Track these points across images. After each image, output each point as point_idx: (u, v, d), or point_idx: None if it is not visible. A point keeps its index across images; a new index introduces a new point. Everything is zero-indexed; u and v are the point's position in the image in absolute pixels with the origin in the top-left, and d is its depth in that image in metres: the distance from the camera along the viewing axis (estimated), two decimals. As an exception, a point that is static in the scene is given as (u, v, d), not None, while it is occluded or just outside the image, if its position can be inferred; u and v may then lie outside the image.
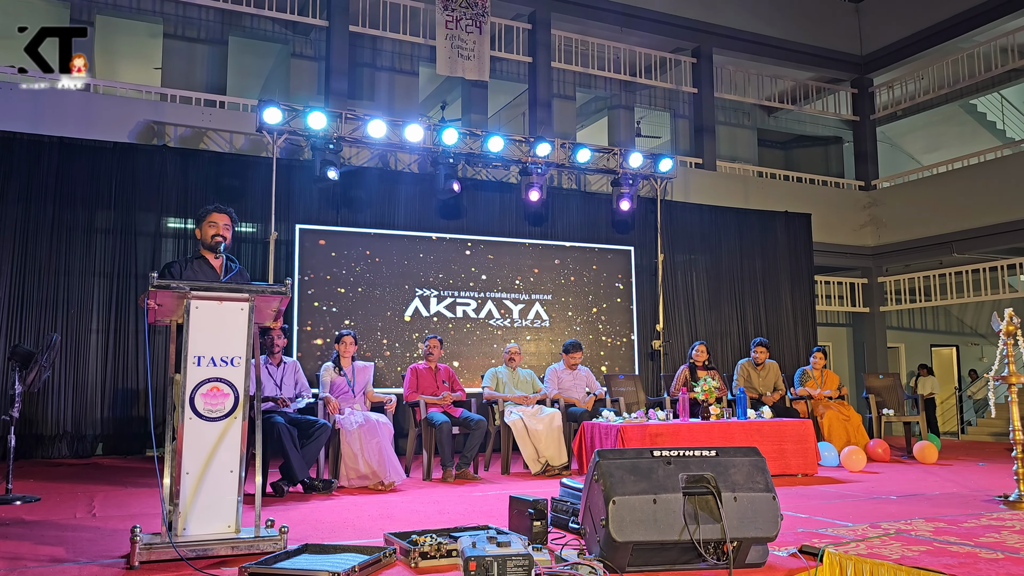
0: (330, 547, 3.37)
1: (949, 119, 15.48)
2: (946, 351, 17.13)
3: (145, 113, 9.09)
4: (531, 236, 10.17)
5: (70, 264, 8.09)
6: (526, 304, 9.97)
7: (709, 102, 12.72)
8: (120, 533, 3.90)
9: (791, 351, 11.52)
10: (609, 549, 3.02)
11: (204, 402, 3.41)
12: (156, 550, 3.19)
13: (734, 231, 11.57)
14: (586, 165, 10.11)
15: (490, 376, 7.44)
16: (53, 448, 7.83)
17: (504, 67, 12.18)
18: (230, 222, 4.21)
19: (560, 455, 6.82)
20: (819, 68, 13.75)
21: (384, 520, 4.45)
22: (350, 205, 9.28)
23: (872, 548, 3.27)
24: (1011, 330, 4.85)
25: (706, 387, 6.81)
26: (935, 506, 4.75)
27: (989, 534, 3.60)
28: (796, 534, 3.68)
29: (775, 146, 16.49)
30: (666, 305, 10.72)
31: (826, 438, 7.64)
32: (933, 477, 6.46)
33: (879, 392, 8.77)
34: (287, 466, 5.45)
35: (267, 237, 8.58)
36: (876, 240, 13.52)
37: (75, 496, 5.35)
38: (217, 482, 3.40)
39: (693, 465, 3.19)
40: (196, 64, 10.80)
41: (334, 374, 6.41)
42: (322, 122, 8.50)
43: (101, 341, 8.15)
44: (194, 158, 8.78)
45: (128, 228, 8.36)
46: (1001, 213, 11.65)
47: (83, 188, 8.21)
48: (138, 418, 8.21)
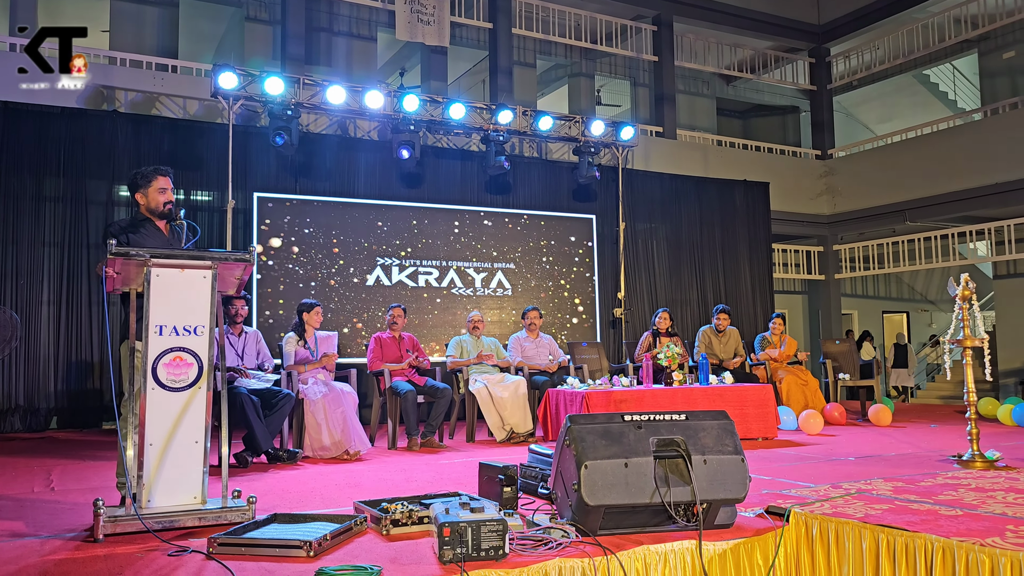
0: (300, 516, 3.34)
1: (903, 89, 15.72)
2: (897, 317, 17.57)
3: (94, 77, 8.77)
4: (493, 204, 10.12)
5: (18, 233, 7.84)
6: (488, 273, 9.94)
7: (669, 71, 12.72)
8: (81, 507, 3.82)
9: (749, 318, 11.69)
10: (581, 513, 3.04)
11: (167, 372, 3.33)
12: (121, 522, 3.12)
13: (694, 199, 11.65)
14: (548, 133, 10.05)
15: (454, 345, 7.42)
16: (5, 422, 7.64)
17: (464, 33, 12.01)
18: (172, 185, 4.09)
19: (525, 422, 6.85)
20: (778, 37, 13.83)
21: (351, 489, 4.43)
22: (309, 173, 9.12)
23: (836, 507, 3.34)
24: (966, 295, 4.96)
25: (669, 353, 6.88)
26: (892, 466, 4.87)
27: (947, 492, 3.70)
28: (761, 495, 3.74)
29: (734, 115, 16.60)
30: (627, 273, 10.78)
31: (785, 402, 7.79)
32: (888, 439, 6.63)
33: (836, 357, 8.96)
34: (251, 437, 5.38)
35: (224, 205, 8.41)
36: (832, 209, 13.73)
37: (31, 470, 5.23)
38: (182, 453, 3.33)
39: (663, 429, 3.22)
40: (146, 27, 10.44)
41: (297, 344, 6.33)
42: (279, 87, 8.31)
43: (53, 313, 7.93)
44: (146, 124, 8.53)
45: (79, 196, 8.12)
46: (952, 182, 11.90)
47: (30, 154, 7.94)
48: (93, 391, 8.03)
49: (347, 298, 9.14)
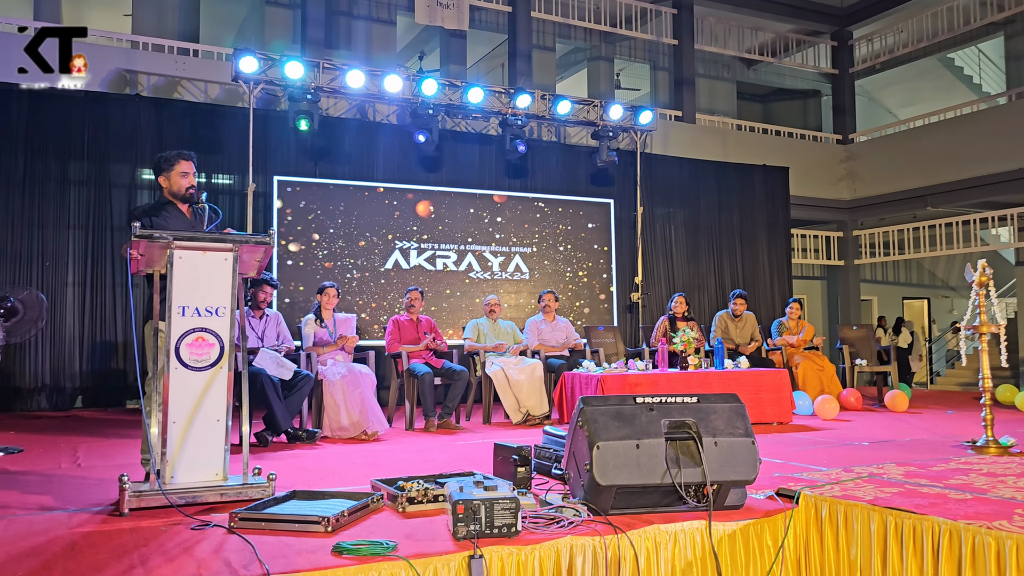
0: (318, 493, 3.42)
1: (926, 73, 15.53)
2: (917, 303, 17.44)
3: (117, 61, 8.89)
4: (511, 189, 10.15)
5: (44, 216, 7.97)
6: (506, 257, 9.99)
7: (689, 54, 12.65)
8: (107, 482, 3.92)
9: (767, 303, 11.67)
10: (593, 493, 3.09)
11: (189, 352, 3.41)
12: (145, 497, 3.22)
13: (713, 184, 11.62)
14: (566, 117, 10.05)
15: (471, 328, 7.48)
16: (32, 401, 7.81)
17: (483, 16, 12.00)
18: (195, 169, 4.17)
19: (541, 404, 6.92)
20: (800, 20, 13.70)
21: (369, 468, 4.51)
22: (328, 157, 9.19)
23: (846, 490, 3.37)
24: (984, 281, 4.95)
25: (685, 338, 6.90)
26: (906, 451, 4.89)
27: (958, 476, 3.72)
28: (772, 478, 3.78)
29: (754, 99, 16.48)
30: (645, 257, 10.79)
31: (800, 387, 7.80)
32: (903, 424, 6.63)
33: (853, 343, 8.93)
34: (271, 416, 5.48)
35: (244, 189, 8.49)
36: (852, 194, 13.64)
37: (58, 447, 5.36)
38: (204, 431, 3.41)
39: (675, 411, 3.26)
40: (167, 11, 10.52)
41: (316, 326, 6.42)
42: (299, 72, 8.36)
43: (78, 294, 8.08)
44: (168, 108, 8.62)
45: (102, 179, 8.24)
46: (976, 167, 11.78)
47: (55, 138, 8.06)
48: (117, 370, 8.18)
49: (365, 281, 9.23)
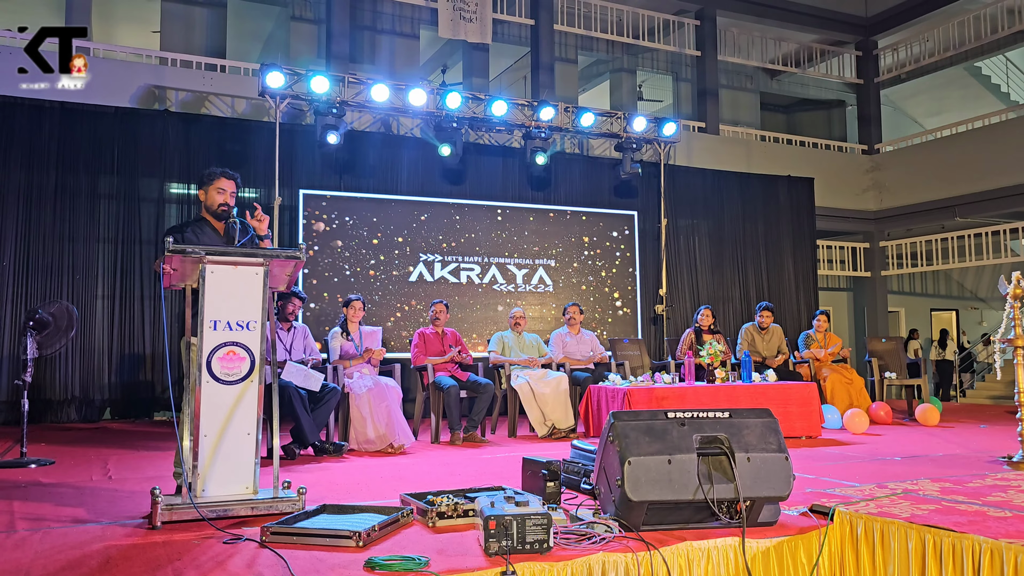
0: (348, 507, 3.42)
1: (953, 82, 15.39)
2: (946, 315, 17.21)
3: (146, 77, 9.02)
4: (534, 201, 10.16)
5: (74, 230, 8.08)
6: (530, 269, 9.98)
7: (712, 65, 12.62)
8: (138, 495, 3.95)
9: (792, 315, 11.57)
10: (624, 508, 3.06)
11: (221, 366, 3.43)
12: (177, 511, 3.24)
13: (737, 195, 11.56)
14: (589, 129, 10.05)
15: (496, 340, 7.48)
16: (62, 412, 7.90)
17: (506, 30, 12.05)
18: (235, 189, 4.18)
19: (567, 418, 6.89)
20: (823, 30, 13.63)
21: (397, 482, 4.51)
22: (353, 170, 9.25)
23: (881, 507, 3.32)
24: (1018, 293, 4.87)
25: (711, 351, 6.85)
26: (939, 467, 4.81)
27: (996, 493, 3.65)
28: (805, 494, 3.74)
29: (778, 110, 16.40)
30: (669, 270, 10.74)
31: (829, 401, 7.71)
32: (935, 439, 6.53)
33: (881, 356, 8.83)
34: (298, 429, 5.50)
35: (271, 202, 8.56)
36: (878, 204, 13.51)
37: (88, 459, 5.41)
38: (235, 444, 3.43)
39: (707, 426, 3.23)
40: (195, 27, 10.68)
41: (343, 339, 6.44)
42: (325, 86, 8.43)
43: (107, 307, 8.17)
44: (196, 123, 8.72)
45: (131, 194, 8.35)
46: (1004, 177, 11.63)
47: (86, 153, 8.18)
48: (145, 383, 8.26)
49: (390, 293, 9.26)
